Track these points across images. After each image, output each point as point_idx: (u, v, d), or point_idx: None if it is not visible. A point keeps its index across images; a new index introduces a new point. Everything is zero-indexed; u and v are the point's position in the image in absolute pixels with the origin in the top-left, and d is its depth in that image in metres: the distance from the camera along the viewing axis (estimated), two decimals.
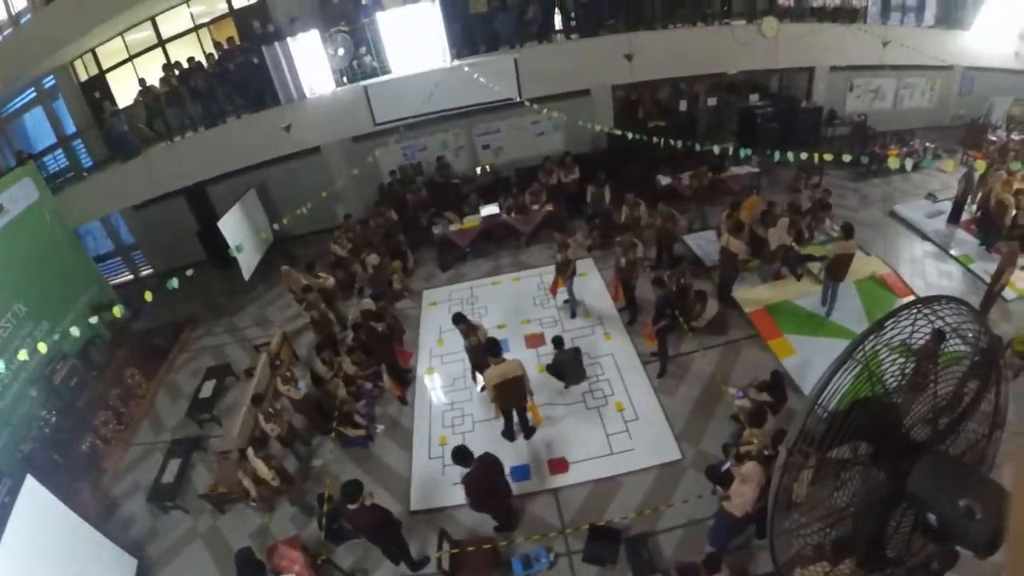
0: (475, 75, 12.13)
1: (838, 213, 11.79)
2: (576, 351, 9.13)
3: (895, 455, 3.17)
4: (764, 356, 9.22)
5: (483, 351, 7.83)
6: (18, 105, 13.74)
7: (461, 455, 6.40)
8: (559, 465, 7.92)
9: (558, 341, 8.95)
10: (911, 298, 9.54)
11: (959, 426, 3.36)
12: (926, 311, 3.20)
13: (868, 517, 3.28)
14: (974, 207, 11.74)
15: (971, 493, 2.74)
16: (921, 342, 3.26)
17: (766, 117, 14.68)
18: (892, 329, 3.17)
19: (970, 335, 3.30)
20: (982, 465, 3.39)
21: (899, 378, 3.32)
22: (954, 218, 11.77)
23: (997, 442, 3.49)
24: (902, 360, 3.28)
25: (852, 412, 3.02)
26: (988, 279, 9.49)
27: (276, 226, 11.20)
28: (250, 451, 7.42)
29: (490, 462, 6.60)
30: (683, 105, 14.90)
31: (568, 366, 8.94)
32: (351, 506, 6.23)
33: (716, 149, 9.87)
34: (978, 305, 9.24)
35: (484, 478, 6.53)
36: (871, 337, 3.12)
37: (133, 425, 10.12)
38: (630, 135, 10.65)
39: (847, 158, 8.50)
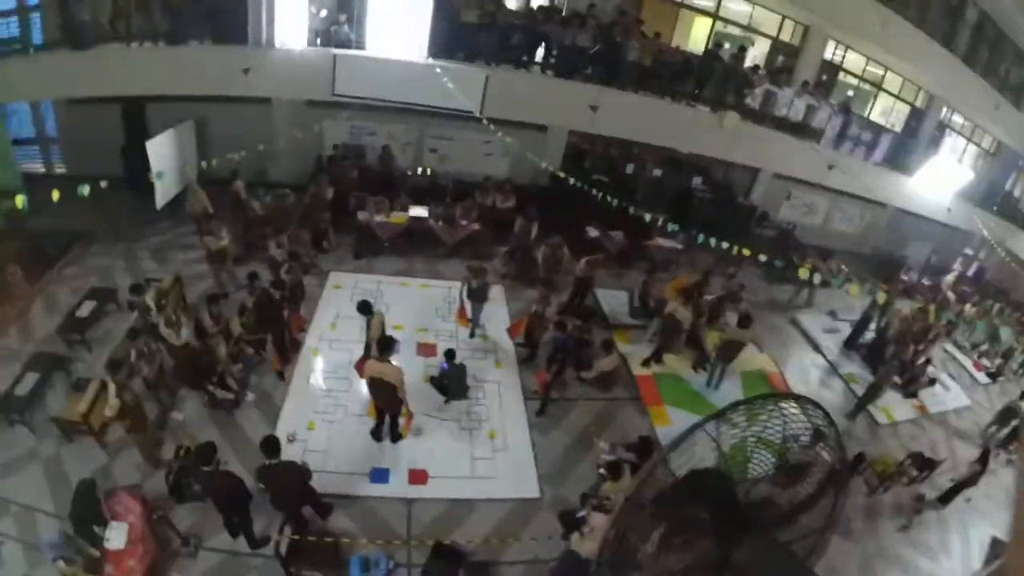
0: (445, 79, 12.18)
1: (742, 308, 12.43)
2: (462, 367, 9.21)
3: (727, 525, 3.37)
4: (640, 420, 9.64)
5: (378, 346, 7.78)
6: None
7: (270, 446, 6.21)
8: (419, 476, 7.98)
9: (450, 353, 9.02)
10: None
11: (796, 515, 3.61)
12: (789, 404, 3.44)
13: None
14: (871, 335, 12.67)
15: None
16: (772, 433, 3.47)
17: (703, 201, 15.32)
18: (758, 410, 3.38)
19: (824, 437, 3.53)
20: (810, 557, 3.63)
21: (749, 455, 3.51)
22: (851, 342, 12.71)
23: (827, 541, 3.76)
24: (753, 440, 3.48)
25: (691, 477, 3.22)
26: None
27: (204, 164, 10.82)
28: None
29: (287, 470, 6.37)
30: (629, 168, 15.36)
31: (453, 381, 9.05)
32: (205, 468, 6.08)
33: (648, 216, 10.32)
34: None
35: (275, 481, 6.41)
36: (732, 412, 3.32)
37: (1, 325, 9.47)
38: (572, 181, 10.96)
39: (764, 258, 9.07)
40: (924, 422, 11.46)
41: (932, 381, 12.07)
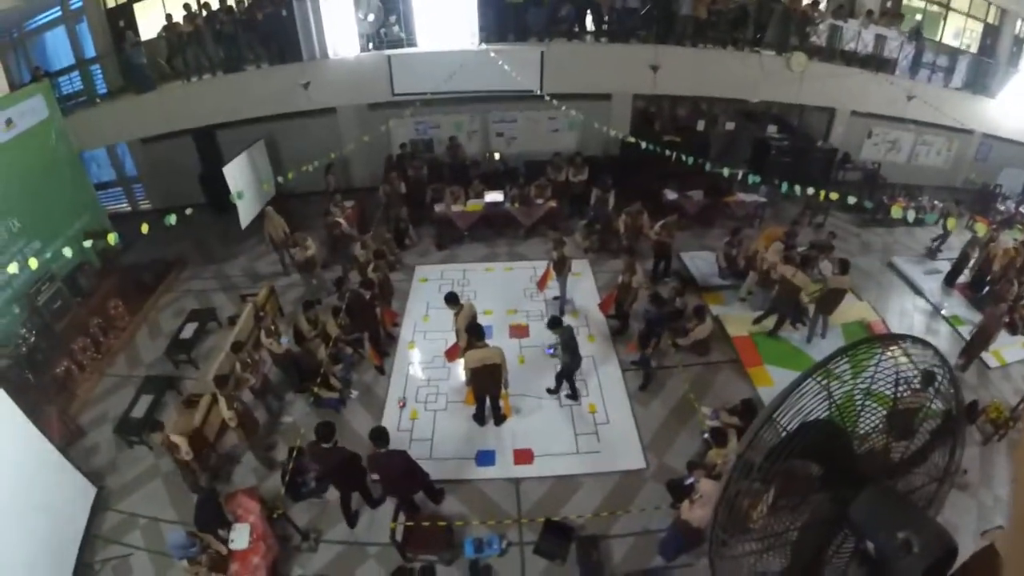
0: (500, 62, 12.15)
1: (836, 256, 11.83)
2: (569, 328, 8.39)
3: (842, 480, 3.19)
4: (741, 382, 9.29)
5: (469, 335, 7.82)
6: (42, 21, 13.54)
7: (378, 434, 6.38)
8: (524, 456, 7.98)
9: (554, 321, 8.31)
10: None
11: (910, 468, 3.39)
12: (904, 345, 3.21)
13: (808, 539, 3.30)
14: (972, 271, 11.81)
15: (911, 528, 2.76)
16: (881, 384, 3.25)
17: (780, 150, 14.61)
18: (864, 355, 3.17)
19: (937, 379, 3.28)
20: (928, 509, 3.41)
21: (859, 407, 3.30)
22: (951, 279, 11.88)
23: (945, 494, 3.51)
24: (864, 386, 3.26)
25: (803, 429, 3.03)
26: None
27: (280, 179, 11.17)
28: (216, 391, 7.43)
29: (395, 456, 6.52)
30: (700, 125, 14.84)
31: (566, 346, 8.32)
32: (324, 445, 6.34)
33: (726, 172, 9.94)
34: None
35: (385, 467, 6.55)
36: (837, 359, 3.12)
37: (110, 356, 10.07)
38: (644, 145, 10.70)
39: (852, 200, 8.57)
40: None
41: None
